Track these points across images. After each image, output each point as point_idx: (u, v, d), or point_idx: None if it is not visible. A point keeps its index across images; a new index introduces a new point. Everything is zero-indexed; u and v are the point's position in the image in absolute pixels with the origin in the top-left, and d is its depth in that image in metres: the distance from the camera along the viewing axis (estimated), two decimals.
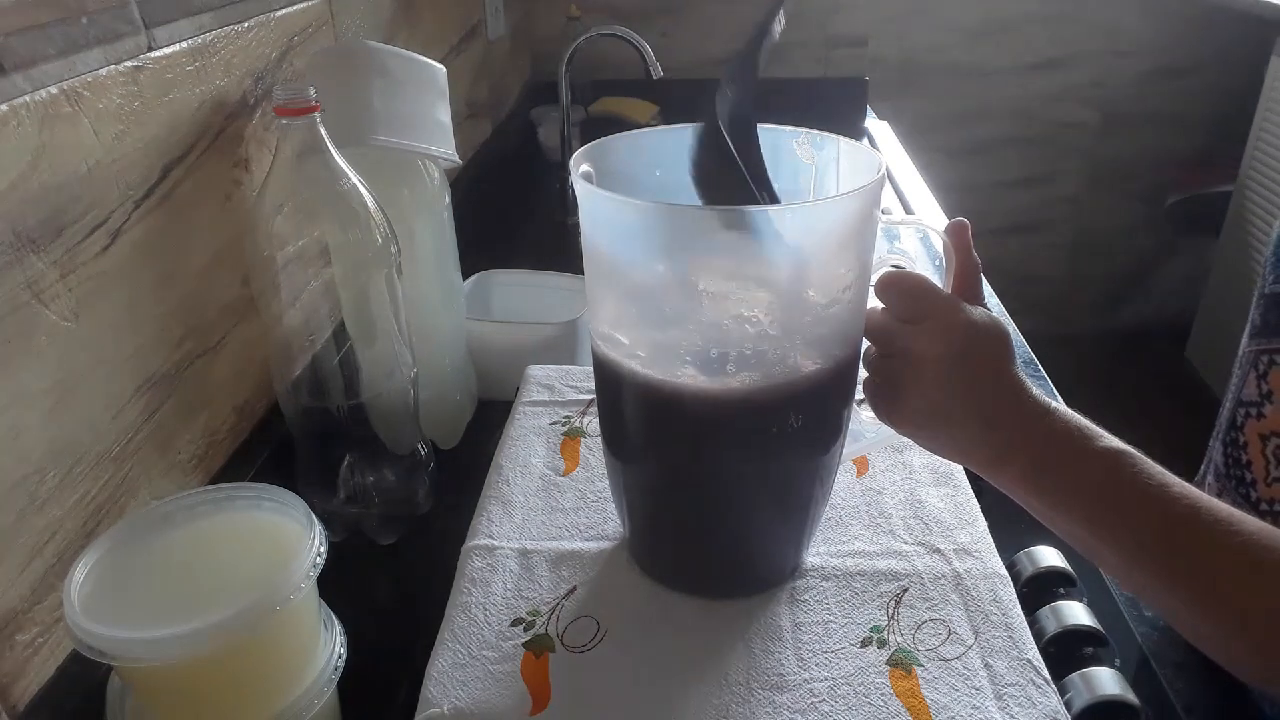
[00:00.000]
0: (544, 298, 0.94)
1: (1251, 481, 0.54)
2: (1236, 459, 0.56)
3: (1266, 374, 0.54)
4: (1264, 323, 0.55)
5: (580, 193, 0.48)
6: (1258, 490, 0.54)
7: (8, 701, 0.46)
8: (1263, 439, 0.54)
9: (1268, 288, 0.56)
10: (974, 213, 0.60)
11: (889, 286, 0.48)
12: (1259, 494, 0.54)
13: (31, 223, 0.47)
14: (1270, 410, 0.53)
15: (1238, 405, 0.56)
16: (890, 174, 1.41)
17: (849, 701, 0.47)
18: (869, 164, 0.49)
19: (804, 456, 0.51)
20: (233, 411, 0.68)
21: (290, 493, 0.48)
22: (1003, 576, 0.55)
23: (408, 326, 0.65)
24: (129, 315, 0.55)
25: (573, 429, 0.70)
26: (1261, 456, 0.54)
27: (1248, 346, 0.56)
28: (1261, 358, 0.54)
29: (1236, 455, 0.56)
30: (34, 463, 0.47)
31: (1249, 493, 0.55)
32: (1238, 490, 0.55)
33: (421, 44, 1.13)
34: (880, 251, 0.50)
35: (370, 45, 0.68)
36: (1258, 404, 0.54)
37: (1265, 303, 0.56)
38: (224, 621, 0.40)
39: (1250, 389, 0.55)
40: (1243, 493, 0.55)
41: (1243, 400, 0.56)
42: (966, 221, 0.50)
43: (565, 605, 0.54)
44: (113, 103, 0.53)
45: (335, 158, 0.58)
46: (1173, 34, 2.14)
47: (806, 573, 0.56)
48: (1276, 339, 0.54)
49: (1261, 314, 0.56)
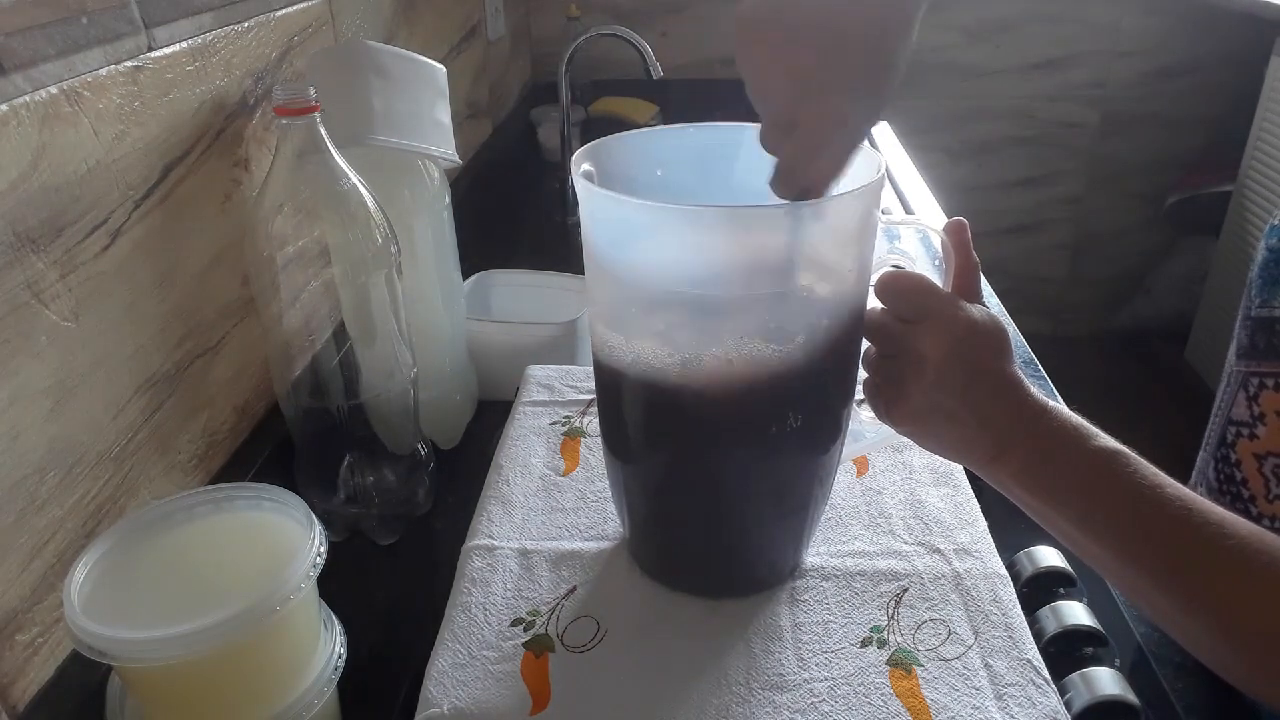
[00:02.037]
0: (544, 298, 0.94)
1: (1250, 498, 0.55)
2: (1230, 476, 0.56)
3: (1257, 396, 0.54)
4: (1251, 344, 0.56)
5: (580, 192, 0.48)
6: (1257, 506, 0.55)
7: (8, 701, 0.46)
8: (1258, 459, 0.54)
9: (1254, 310, 0.56)
10: (974, 213, 0.60)
11: (888, 286, 0.48)
12: (1259, 510, 0.55)
13: (31, 223, 0.47)
14: (1264, 432, 0.54)
15: (1228, 423, 0.57)
16: (890, 174, 1.41)
17: (849, 701, 0.47)
18: (869, 164, 0.49)
19: (804, 456, 0.51)
20: (233, 411, 0.68)
21: (290, 493, 0.48)
22: (1003, 576, 0.55)
23: (408, 326, 0.65)
24: (129, 315, 0.55)
25: (573, 429, 0.70)
26: (1259, 475, 0.54)
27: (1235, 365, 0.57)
28: (1251, 380, 0.55)
29: (1230, 473, 0.56)
30: (34, 463, 0.47)
31: (1248, 508, 0.55)
32: (1234, 506, 0.56)
33: (421, 44, 1.13)
34: (880, 251, 0.50)
35: (370, 45, 0.68)
36: (1249, 425, 0.55)
37: (1252, 325, 0.56)
38: (224, 622, 0.40)
39: (1241, 409, 0.56)
40: (1241, 508, 0.56)
41: (1233, 419, 0.56)
42: (965, 221, 0.50)
43: (565, 605, 0.54)
44: (113, 103, 0.53)
45: (335, 158, 0.58)
46: (1173, 34, 2.14)
47: (806, 573, 0.56)
48: (1265, 362, 0.54)
49: (1249, 335, 0.56)
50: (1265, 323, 0.55)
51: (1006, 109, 2.21)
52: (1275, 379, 0.53)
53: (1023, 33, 2.13)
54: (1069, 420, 0.46)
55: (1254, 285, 0.56)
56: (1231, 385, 0.57)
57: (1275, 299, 0.54)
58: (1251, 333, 0.56)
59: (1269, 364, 0.54)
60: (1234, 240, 2.09)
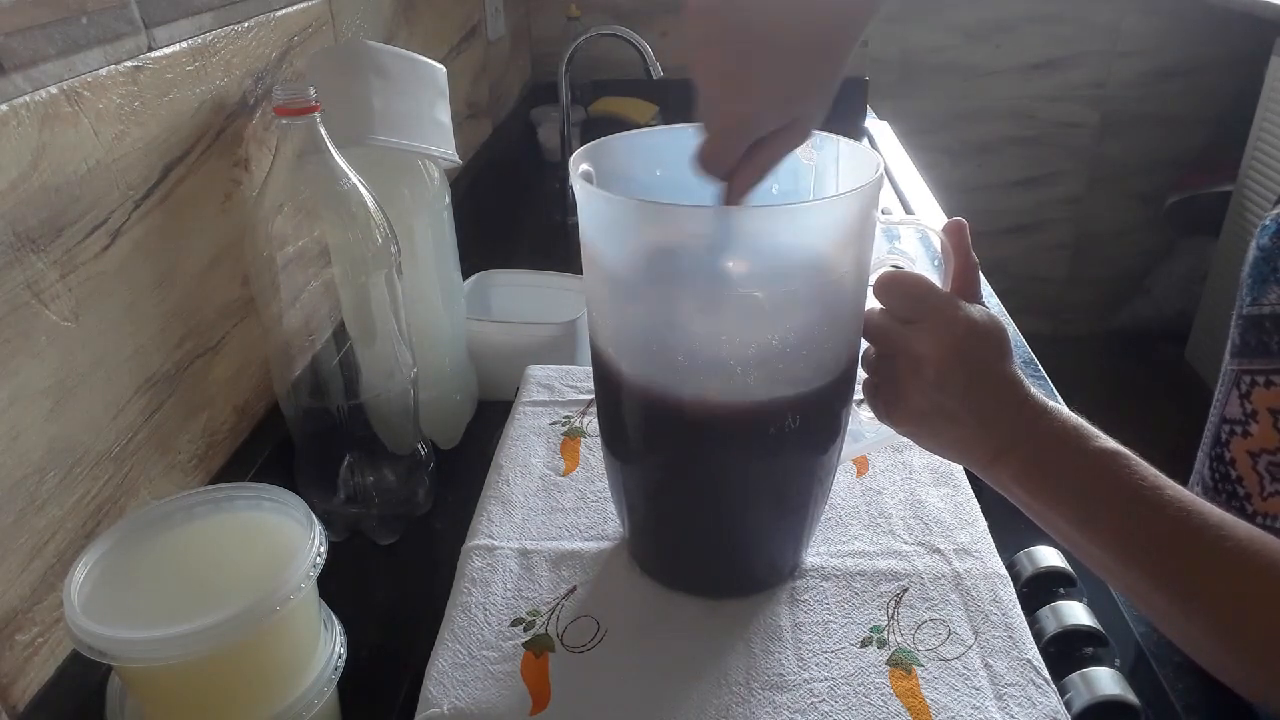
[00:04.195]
0: (544, 298, 0.94)
1: (1245, 496, 0.55)
2: (1224, 475, 0.56)
3: (1249, 394, 0.54)
4: (1243, 343, 0.56)
5: (579, 193, 0.48)
6: (1253, 504, 0.55)
7: (8, 701, 0.46)
8: (1252, 456, 0.55)
9: (1245, 309, 0.56)
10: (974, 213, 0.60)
11: (887, 286, 0.48)
12: (1254, 508, 0.55)
13: (31, 223, 0.47)
14: (1256, 429, 0.54)
15: (1223, 422, 0.57)
16: (890, 174, 1.41)
17: (849, 701, 0.47)
18: (869, 164, 0.49)
19: (803, 457, 0.51)
20: (233, 411, 0.68)
21: (290, 493, 0.48)
22: (1003, 576, 0.55)
23: (408, 326, 0.65)
24: (129, 315, 0.55)
25: (573, 429, 0.70)
26: (1254, 473, 0.54)
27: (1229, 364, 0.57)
28: (1243, 378, 0.55)
29: (1224, 471, 0.56)
30: (34, 463, 0.47)
31: (1244, 506, 0.55)
32: (1230, 504, 0.56)
33: (421, 44, 1.13)
34: (880, 251, 0.50)
35: (370, 45, 0.68)
36: (1242, 422, 0.55)
37: (1244, 323, 0.56)
38: (224, 622, 0.40)
39: (1234, 407, 0.56)
40: (1236, 506, 0.56)
41: (1227, 418, 0.57)
42: (964, 221, 0.50)
43: (565, 605, 0.54)
44: (113, 103, 0.53)
45: (335, 158, 0.58)
46: (1173, 34, 2.14)
47: (806, 573, 0.56)
48: (1257, 359, 0.55)
49: (1240, 334, 0.57)
50: (1255, 321, 0.55)
51: (1006, 109, 2.21)
52: (1266, 376, 0.54)
53: (1023, 33, 2.13)
54: (1069, 421, 0.46)
55: (1245, 284, 0.56)
56: (1226, 384, 0.57)
57: (1265, 297, 0.55)
58: (1243, 331, 0.56)
59: (1261, 361, 0.54)
60: (1234, 240, 2.09)
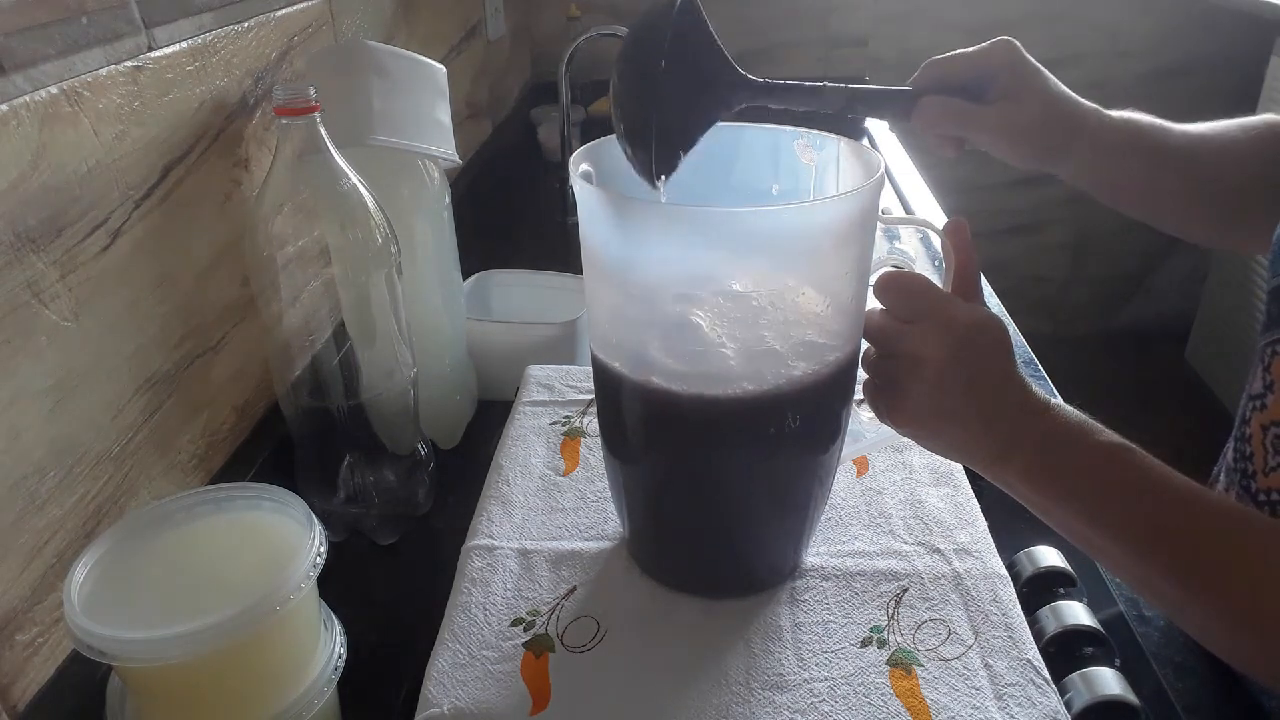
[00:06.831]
0: (544, 298, 0.94)
1: (1252, 473, 0.54)
2: (1242, 452, 0.56)
3: (1269, 365, 0.54)
4: (1269, 317, 0.55)
5: (579, 192, 0.48)
6: (1256, 481, 0.54)
7: (8, 701, 0.46)
8: (1264, 429, 0.54)
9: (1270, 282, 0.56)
10: (974, 213, 0.60)
11: (887, 287, 0.48)
12: (1258, 485, 0.54)
13: (31, 223, 0.47)
14: (1272, 400, 0.53)
15: (1247, 400, 0.56)
16: (890, 174, 1.41)
17: (849, 701, 0.47)
18: (869, 164, 0.49)
19: (803, 457, 0.51)
20: (233, 411, 0.68)
21: (290, 493, 0.48)
22: (1003, 576, 0.55)
23: (408, 326, 0.65)
24: (129, 315, 0.55)
25: (573, 429, 0.70)
26: (1262, 447, 0.53)
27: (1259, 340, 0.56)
28: (1267, 350, 0.54)
29: (1242, 448, 0.56)
30: (34, 463, 0.47)
31: (1249, 484, 0.54)
32: (1241, 484, 0.55)
33: (421, 44, 1.13)
34: (880, 251, 0.50)
35: (370, 45, 0.68)
36: (1261, 395, 0.54)
37: (1269, 297, 0.56)
38: (224, 622, 0.40)
39: (1257, 382, 0.55)
40: (1244, 484, 0.55)
41: (1251, 394, 0.56)
42: (965, 221, 0.50)
43: (565, 605, 0.54)
44: (113, 103, 0.53)
45: (335, 158, 0.58)
46: (1173, 34, 2.14)
47: (806, 573, 0.56)
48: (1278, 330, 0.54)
49: (1266, 308, 0.56)
50: (1275, 293, 0.55)
51: None
52: None
53: (1023, 33, 2.11)
54: (1071, 417, 0.46)
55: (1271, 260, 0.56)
56: (1255, 362, 0.56)
57: None
58: (1269, 304, 0.55)
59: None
60: None
